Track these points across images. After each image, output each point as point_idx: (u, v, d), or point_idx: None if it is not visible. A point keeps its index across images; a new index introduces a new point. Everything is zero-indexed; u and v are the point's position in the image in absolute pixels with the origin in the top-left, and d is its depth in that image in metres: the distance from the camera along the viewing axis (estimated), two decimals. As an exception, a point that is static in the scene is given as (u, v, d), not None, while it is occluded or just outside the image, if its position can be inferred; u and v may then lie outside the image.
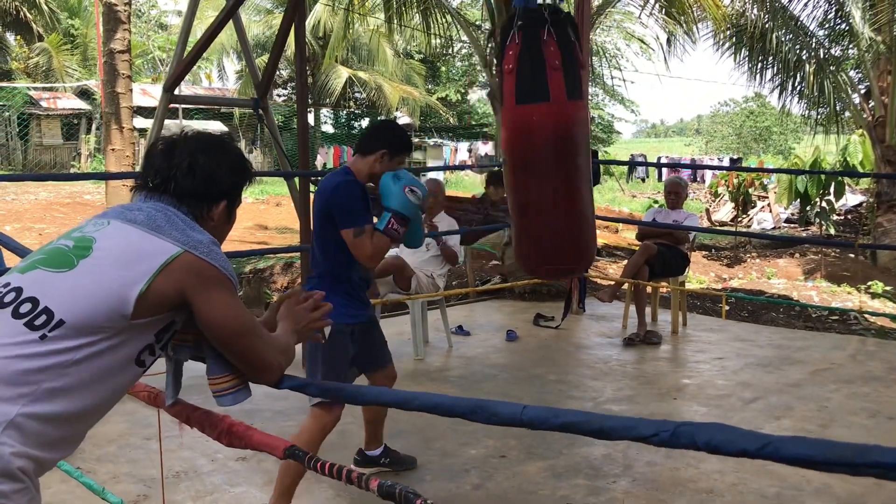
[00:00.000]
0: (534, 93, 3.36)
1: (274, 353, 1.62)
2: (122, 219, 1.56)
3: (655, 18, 12.03)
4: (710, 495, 3.19)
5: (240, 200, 1.78)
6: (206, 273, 1.52)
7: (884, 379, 4.82)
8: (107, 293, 1.45)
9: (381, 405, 1.47)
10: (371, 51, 25.94)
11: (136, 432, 3.90)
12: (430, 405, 1.35)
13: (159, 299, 1.49)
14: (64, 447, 1.48)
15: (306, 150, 5.31)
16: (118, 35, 7.26)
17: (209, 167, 1.65)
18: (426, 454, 3.64)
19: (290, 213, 5.37)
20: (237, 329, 1.57)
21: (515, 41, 3.34)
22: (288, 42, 5.43)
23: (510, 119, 3.54)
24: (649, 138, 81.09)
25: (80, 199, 16.62)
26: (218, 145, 1.71)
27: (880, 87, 12.18)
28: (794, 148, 32.48)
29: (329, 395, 1.58)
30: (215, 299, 1.53)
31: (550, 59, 3.29)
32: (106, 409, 1.56)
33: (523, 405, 1.20)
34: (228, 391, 1.72)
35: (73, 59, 26.08)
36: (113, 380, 1.51)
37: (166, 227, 1.53)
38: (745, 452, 0.94)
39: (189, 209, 1.63)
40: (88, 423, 1.54)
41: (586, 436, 1.13)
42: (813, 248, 12.50)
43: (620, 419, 1.08)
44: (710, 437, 0.97)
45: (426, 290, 5.51)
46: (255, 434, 1.71)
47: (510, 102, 3.43)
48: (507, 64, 3.38)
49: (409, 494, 1.40)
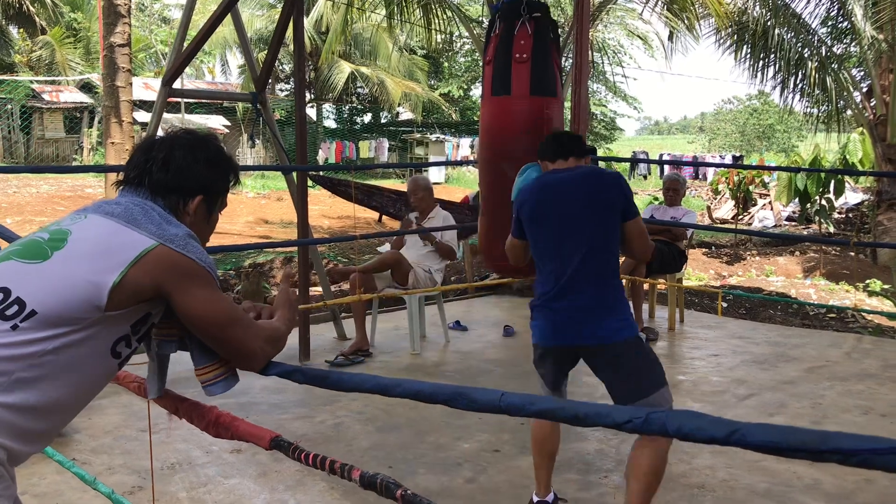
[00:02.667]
0: (502, 85, 3.38)
1: (258, 342, 1.63)
2: (99, 212, 1.56)
3: (658, 15, 12.02)
4: (702, 490, 3.20)
5: (222, 200, 1.77)
6: (182, 266, 1.51)
7: (878, 376, 4.83)
8: (80, 284, 1.44)
9: (363, 392, 1.47)
10: (373, 46, 25.95)
11: (131, 424, 3.92)
12: (411, 392, 1.37)
13: (133, 291, 1.48)
14: (38, 439, 1.47)
15: (304, 144, 5.32)
16: (118, 29, 7.27)
17: (184, 161, 1.65)
18: (420, 447, 3.66)
19: (292, 207, 5.38)
20: (219, 320, 1.56)
21: (496, 32, 3.36)
22: (291, 36, 5.44)
23: (485, 111, 3.56)
24: (652, 135, 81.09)
25: (81, 193, 16.65)
26: (197, 141, 1.71)
27: (882, 86, 12.17)
28: (797, 146, 32.46)
29: (314, 381, 1.59)
30: (194, 292, 1.53)
31: (518, 52, 3.30)
32: (83, 401, 1.56)
33: (502, 392, 1.21)
34: (217, 380, 1.72)
35: (76, 53, 26.10)
36: (87, 371, 1.50)
37: (142, 221, 1.53)
38: (714, 439, 0.95)
39: (165, 203, 1.63)
40: (64, 416, 1.53)
41: (562, 422, 1.14)
42: (813, 246, 12.50)
43: (595, 406, 1.09)
44: (681, 424, 0.98)
45: (423, 284, 5.53)
46: (242, 424, 1.73)
47: (487, 93, 3.45)
48: (487, 55, 3.41)
49: (390, 484, 1.42)
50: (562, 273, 2.70)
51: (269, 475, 3.31)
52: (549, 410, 1.13)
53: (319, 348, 5.48)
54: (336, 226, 14.55)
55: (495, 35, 3.38)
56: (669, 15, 11.49)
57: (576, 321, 2.69)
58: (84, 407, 1.59)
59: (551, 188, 2.78)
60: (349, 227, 13.86)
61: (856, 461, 0.82)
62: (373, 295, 5.37)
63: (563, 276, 2.70)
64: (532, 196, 2.82)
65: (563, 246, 2.72)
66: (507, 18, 3.34)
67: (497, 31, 3.40)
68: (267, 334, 1.65)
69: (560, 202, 2.75)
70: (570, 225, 2.72)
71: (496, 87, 3.46)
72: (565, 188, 2.76)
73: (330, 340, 5.79)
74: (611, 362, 2.68)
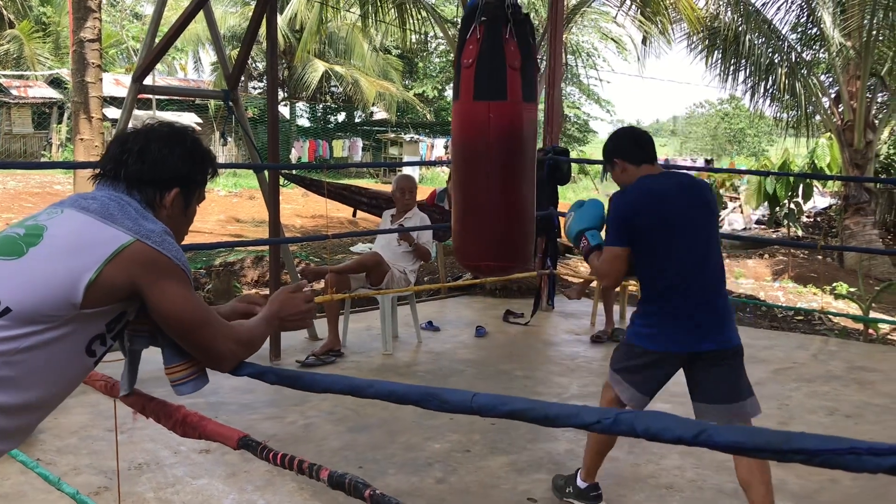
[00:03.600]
0: (493, 90, 3.37)
1: (229, 343, 1.61)
2: (75, 207, 1.54)
3: (631, 19, 12.13)
4: (670, 490, 3.23)
5: (200, 193, 1.75)
6: (158, 263, 1.50)
7: (843, 378, 4.90)
8: (55, 281, 1.43)
9: (335, 392, 1.47)
10: (348, 45, 25.88)
11: (98, 424, 3.87)
12: (384, 392, 1.37)
13: (109, 288, 1.46)
14: (9, 437, 1.45)
15: (276, 142, 5.29)
16: (88, 24, 7.17)
17: (160, 153, 1.64)
18: (390, 448, 3.65)
19: (264, 206, 5.34)
20: (191, 320, 1.55)
21: (477, 35, 3.34)
22: (264, 34, 5.40)
23: (465, 113, 3.54)
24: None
25: (50, 190, 16.41)
26: (173, 134, 1.69)
27: (849, 92, 12.38)
28: (767, 150, 32.91)
29: (286, 382, 1.58)
30: (168, 290, 1.51)
31: (511, 59, 3.31)
32: (57, 400, 1.54)
33: (473, 393, 1.22)
34: (187, 379, 1.71)
35: (45, 48, 25.74)
36: (62, 370, 1.49)
37: (119, 216, 1.51)
38: (681, 439, 0.96)
39: (141, 196, 1.62)
40: (37, 414, 1.51)
41: (532, 423, 1.14)
42: (782, 250, 12.68)
43: (565, 407, 1.10)
44: (648, 424, 0.99)
45: (397, 285, 5.52)
46: (209, 424, 1.71)
47: (467, 97, 3.43)
48: (466, 58, 3.38)
49: (359, 484, 1.42)
50: (688, 279, 2.73)
51: (239, 475, 3.28)
52: (521, 411, 1.13)
53: (290, 348, 5.45)
54: (309, 225, 14.48)
55: (477, 38, 3.37)
56: (642, 19, 11.61)
57: (704, 327, 2.74)
58: (58, 406, 1.57)
59: (666, 195, 2.78)
60: (322, 227, 13.80)
61: (818, 461, 0.83)
62: (345, 295, 5.34)
63: (690, 281, 2.73)
64: (650, 204, 2.78)
65: (688, 252, 2.75)
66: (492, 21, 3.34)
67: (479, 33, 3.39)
68: (238, 335, 1.64)
69: (680, 209, 2.77)
70: (692, 231, 2.76)
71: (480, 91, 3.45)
72: (680, 195, 2.79)
73: (301, 340, 5.76)
74: (723, 366, 2.78)
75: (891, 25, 11.84)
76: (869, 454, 0.79)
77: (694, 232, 2.77)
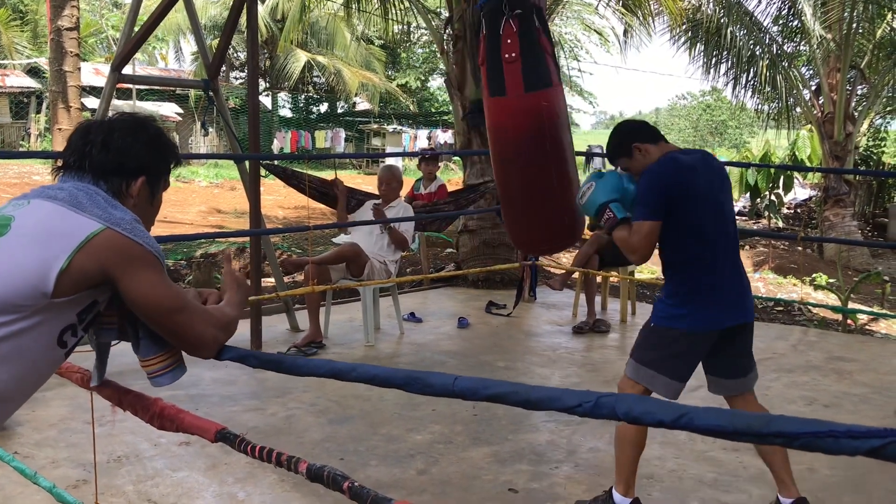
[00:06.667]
0: (541, 81, 3.46)
1: (209, 328, 1.60)
2: (43, 197, 1.52)
3: (613, 10, 12.12)
4: (650, 481, 3.24)
5: (165, 182, 1.74)
6: (130, 251, 1.48)
7: (822, 368, 4.94)
8: (25, 271, 1.41)
9: (318, 376, 1.46)
10: (330, 35, 25.74)
11: (77, 416, 3.83)
12: (367, 377, 1.36)
13: (80, 276, 1.44)
14: None
15: (257, 132, 5.24)
16: (66, 12, 7.08)
17: (124, 142, 1.62)
18: (372, 439, 3.64)
19: (245, 197, 5.30)
20: (167, 306, 1.53)
21: (513, 29, 3.41)
22: (245, 23, 5.35)
23: (516, 108, 3.62)
24: (607, 130, 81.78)
25: (28, 180, 16.23)
26: (136, 123, 1.68)
27: (829, 84, 12.47)
28: (748, 142, 33.11)
29: (268, 366, 1.57)
30: (141, 277, 1.49)
31: (547, 47, 3.36)
32: (28, 392, 1.52)
33: (455, 376, 1.21)
34: (165, 371, 1.69)
35: (23, 36, 25.43)
36: (33, 361, 1.46)
37: (88, 205, 1.50)
38: (662, 423, 0.95)
39: (108, 186, 1.61)
40: (7, 406, 1.49)
41: (514, 406, 1.14)
42: (762, 241, 12.77)
43: (546, 390, 1.09)
44: (630, 408, 0.98)
45: (378, 276, 5.50)
46: (187, 416, 1.69)
47: (516, 91, 3.50)
48: (507, 52, 3.45)
49: (338, 476, 1.41)
50: (715, 250, 2.74)
51: (219, 468, 3.26)
52: (502, 394, 1.13)
53: (272, 340, 5.42)
54: (291, 216, 14.41)
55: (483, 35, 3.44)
56: (624, 11, 11.60)
57: (732, 300, 2.75)
58: (29, 398, 1.55)
59: (695, 167, 2.76)
60: (304, 218, 13.73)
61: (798, 444, 0.83)
62: (327, 286, 5.32)
63: (717, 252, 2.74)
64: (685, 174, 2.73)
65: (713, 224, 2.75)
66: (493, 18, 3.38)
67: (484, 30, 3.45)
68: (216, 319, 1.62)
69: (707, 180, 2.77)
70: (716, 203, 2.77)
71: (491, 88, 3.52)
72: (705, 167, 2.80)
73: (283, 332, 5.73)
74: (743, 339, 2.81)
75: (870, 18, 11.94)
76: (847, 437, 0.79)
77: (718, 204, 2.78)
